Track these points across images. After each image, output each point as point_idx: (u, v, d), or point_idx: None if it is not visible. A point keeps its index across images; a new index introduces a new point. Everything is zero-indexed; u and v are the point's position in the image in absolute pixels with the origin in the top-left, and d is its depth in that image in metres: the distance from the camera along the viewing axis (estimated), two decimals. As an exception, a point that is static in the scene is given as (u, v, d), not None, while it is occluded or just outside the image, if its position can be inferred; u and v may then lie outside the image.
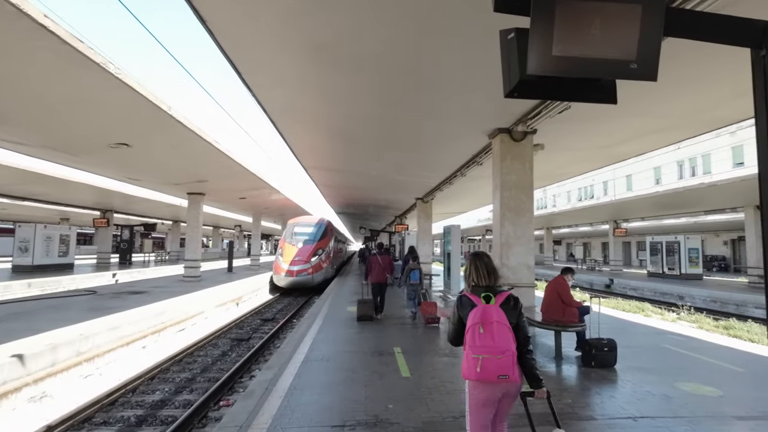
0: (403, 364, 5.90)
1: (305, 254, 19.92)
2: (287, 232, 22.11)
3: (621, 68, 2.25)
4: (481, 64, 5.59)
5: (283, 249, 20.44)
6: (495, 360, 2.50)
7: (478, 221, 63.72)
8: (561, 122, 7.52)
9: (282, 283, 19.42)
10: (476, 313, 2.61)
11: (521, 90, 2.59)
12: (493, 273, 2.79)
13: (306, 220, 23.48)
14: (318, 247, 20.63)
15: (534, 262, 8.16)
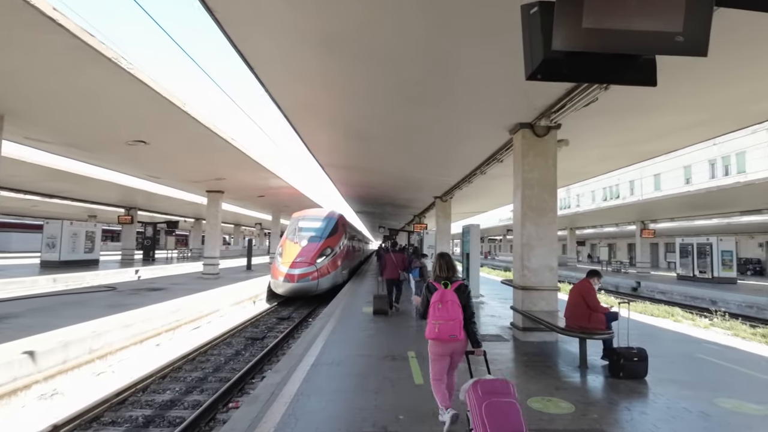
0: (417, 370, 5.62)
1: (309, 254, 16.03)
2: (290, 227, 18.39)
3: (664, 42, 1.91)
4: (502, 55, 5.26)
5: (284, 247, 16.76)
6: (447, 324, 3.72)
7: (500, 221, 62.78)
8: (587, 116, 7.10)
9: (280, 290, 15.43)
10: (437, 295, 3.81)
11: (545, 71, 2.28)
12: (451, 268, 4.00)
13: (313, 213, 19.45)
14: (326, 246, 16.81)
15: (557, 264, 7.75)
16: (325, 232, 17.51)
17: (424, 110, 7.69)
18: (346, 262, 19.69)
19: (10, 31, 5.39)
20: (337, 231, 18.07)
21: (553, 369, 5.89)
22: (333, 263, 16.81)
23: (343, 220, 20.05)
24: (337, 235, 17.94)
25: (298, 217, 18.58)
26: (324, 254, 16.42)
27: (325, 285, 16.01)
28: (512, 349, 7.04)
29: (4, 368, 5.68)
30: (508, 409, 3.13)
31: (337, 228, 18.25)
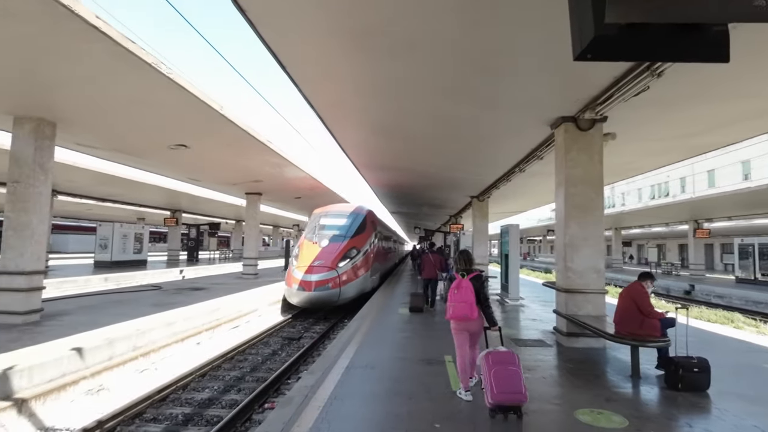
0: (454, 375, 5.39)
1: (330, 257, 13.34)
2: (309, 225, 15.81)
3: (741, 8, 1.65)
4: (543, 43, 4.97)
5: (301, 249, 14.18)
6: (459, 305, 4.54)
7: (539, 221, 60.96)
8: (636, 107, 6.63)
9: (295, 300, 12.71)
10: (455, 283, 4.67)
11: (597, 49, 2.05)
12: (468, 261, 4.90)
13: (337, 208, 16.76)
14: (351, 246, 14.06)
15: (604, 266, 7.29)
16: (350, 231, 14.75)
17: (459, 106, 7.44)
18: (376, 266, 16.73)
19: (57, 42, 5.63)
20: (365, 229, 15.36)
21: (602, 378, 5.50)
22: (360, 267, 14.00)
23: (373, 216, 17.15)
24: (364, 233, 15.20)
25: (319, 214, 16.07)
26: (348, 256, 13.64)
27: (349, 293, 13.26)
28: (556, 355, 6.67)
29: (54, 364, 5.93)
30: (512, 375, 3.97)
31: (365, 225, 15.58)
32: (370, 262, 15.15)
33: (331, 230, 14.77)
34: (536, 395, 4.79)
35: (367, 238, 15.28)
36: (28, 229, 8.23)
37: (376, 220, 17.69)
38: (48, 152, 8.61)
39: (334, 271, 12.93)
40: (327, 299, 12.70)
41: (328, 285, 12.61)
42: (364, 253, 14.56)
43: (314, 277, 12.66)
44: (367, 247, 15.03)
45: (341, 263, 13.28)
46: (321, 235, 14.54)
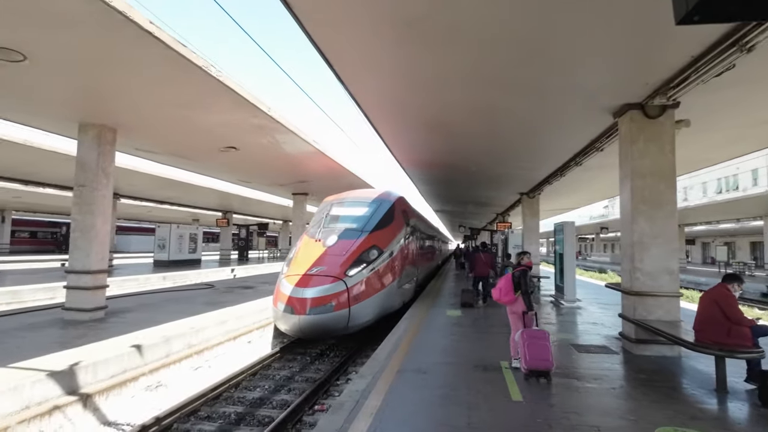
0: (513, 383, 5.04)
1: (337, 259, 8.95)
2: (316, 216, 11.25)
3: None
4: (607, 21, 4.52)
5: (299, 250, 9.77)
6: (497, 291, 5.88)
7: (591, 218, 58.12)
8: (713, 90, 5.97)
9: (282, 326, 8.28)
10: (503, 277, 5.98)
11: (706, 9, 1.69)
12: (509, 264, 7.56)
13: (355, 194, 12.06)
14: (370, 244, 9.61)
15: (678, 266, 6.63)
16: (369, 223, 10.21)
17: (508, 97, 7.03)
18: (410, 271, 11.98)
19: (114, 48, 5.81)
20: (392, 220, 10.78)
21: (681, 392, 4.95)
22: (383, 275, 9.48)
23: (405, 204, 12.61)
24: (391, 227, 10.64)
25: (330, 201, 11.45)
26: (365, 260, 9.11)
27: (364, 316, 8.63)
28: (623, 363, 6.12)
29: (116, 360, 6.14)
30: (542, 347, 5.19)
31: (393, 216, 10.94)
32: (399, 267, 10.44)
33: (344, 223, 10.22)
34: (607, 409, 4.36)
35: (396, 233, 10.65)
36: (93, 230, 8.68)
37: (409, 209, 12.94)
38: (109, 157, 9.05)
39: (340, 283, 8.26)
40: (329, 326, 7.97)
41: (330, 304, 7.98)
42: (391, 255, 9.91)
43: (310, 291, 8.01)
44: (396, 247, 10.36)
45: (353, 270, 8.64)
46: (328, 229, 9.98)
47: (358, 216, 10.44)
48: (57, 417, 5.09)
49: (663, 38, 4.85)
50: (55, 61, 6.15)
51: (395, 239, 10.54)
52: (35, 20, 5.18)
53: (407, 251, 11.76)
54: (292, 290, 8.08)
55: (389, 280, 9.73)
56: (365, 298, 8.62)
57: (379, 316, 9.27)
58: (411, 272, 12.36)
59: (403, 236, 11.28)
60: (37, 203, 28.79)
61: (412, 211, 14.16)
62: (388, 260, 9.79)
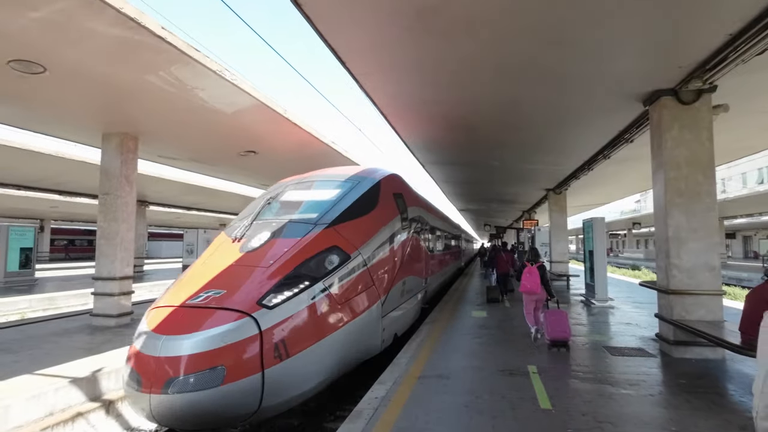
0: (542, 390, 4.75)
1: (250, 278, 4.74)
2: (254, 204, 6.91)
3: None
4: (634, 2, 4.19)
5: (200, 259, 5.71)
6: (531, 284, 7.20)
7: (621, 213, 56.25)
8: (753, 71, 5.56)
9: (132, 406, 3.93)
10: (527, 269, 7.34)
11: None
12: (536, 256, 7.65)
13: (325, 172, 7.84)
14: (323, 245, 5.43)
15: (719, 262, 6.17)
16: (332, 211, 6.11)
17: (532, 89, 6.71)
18: (409, 284, 8.04)
19: (127, 56, 5.84)
20: (373, 207, 6.82)
21: (728, 399, 4.55)
22: (349, 297, 5.45)
23: (400, 186, 8.51)
24: (371, 216, 6.63)
25: (285, 183, 7.44)
26: (307, 274, 4.99)
27: (298, 384, 4.42)
28: (661, 367, 5.72)
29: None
30: (561, 323, 6.57)
31: (376, 200, 6.99)
32: (385, 280, 6.55)
33: (289, 212, 6.26)
34: (645, 419, 4.03)
35: (379, 226, 6.70)
36: (117, 236, 8.84)
37: (408, 193, 8.89)
38: (132, 165, 9.20)
39: (246, 323, 4.14)
40: (214, 414, 3.80)
41: (216, 369, 3.81)
42: (367, 262, 6.01)
43: (176, 344, 3.90)
44: (379, 247, 6.52)
45: (279, 295, 4.59)
46: (262, 223, 5.99)
47: (316, 201, 6.33)
48: (80, 423, 5.13)
49: (697, 16, 4.48)
50: (73, 71, 6.25)
51: (378, 235, 6.42)
52: (52, 32, 5.25)
53: (405, 254, 7.61)
54: (145, 339, 4.02)
55: (361, 305, 5.57)
56: (303, 347, 4.45)
57: (336, 373, 5.01)
58: (413, 285, 8.27)
59: (396, 231, 7.23)
60: (73, 212, 30.00)
61: (414, 196, 9.61)
62: (363, 270, 5.73)
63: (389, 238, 6.95)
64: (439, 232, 13.92)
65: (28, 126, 8.98)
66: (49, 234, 36.12)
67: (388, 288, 6.59)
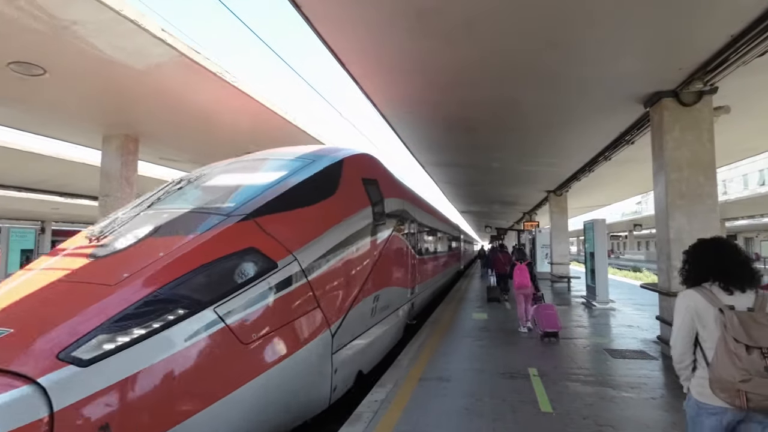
0: (542, 393, 4.73)
1: (79, 311, 2.70)
2: (156, 191, 4.90)
3: None
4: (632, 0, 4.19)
5: (32, 267, 3.72)
6: (518, 280, 8.21)
7: (623, 215, 56.19)
8: (755, 72, 5.54)
9: None
10: (518, 267, 8.38)
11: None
12: (522, 256, 8.92)
13: (275, 151, 5.81)
14: (230, 248, 3.45)
15: (721, 264, 6.14)
16: (259, 198, 4.07)
17: (532, 90, 6.70)
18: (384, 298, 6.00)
19: (128, 58, 5.85)
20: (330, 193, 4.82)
21: (730, 401, 4.52)
22: (274, 326, 3.48)
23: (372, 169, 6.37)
24: (324, 206, 4.62)
25: (214, 165, 5.57)
26: (177, 301, 2.94)
27: None
28: (663, 370, 5.69)
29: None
30: (552, 316, 7.35)
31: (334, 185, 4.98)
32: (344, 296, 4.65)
33: (201, 198, 4.47)
34: (647, 422, 4.01)
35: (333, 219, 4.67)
36: (117, 239, 8.82)
37: (385, 180, 6.83)
38: (132, 166, 9.21)
39: (25, 395, 2.20)
40: None
41: None
42: (311, 273, 4.00)
43: None
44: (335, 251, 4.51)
45: (116, 336, 2.60)
46: (152, 214, 4.04)
47: (242, 186, 4.55)
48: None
49: (698, 17, 4.47)
50: (74, 73, 6.26)
51: (331, 234, 4.52)
52: (52, 34, 5.25)
53: (379, 258, 5.75)
54: None
55: (293, 340, 3.72)
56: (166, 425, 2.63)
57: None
58: (392, 299, 6.42)
59: (365, 228, 5.38)
60: (74, 214, 30.00)
61: (395, 185, 7.46)
62: (299, 285, 3.85)
63: (353, 236, 4.87)
64: (432, 230, 12.14)
65: (28, 128, 9.01)
66: (50, 236, 36.16)
67: (346, 308, 4.52)
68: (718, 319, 2.00)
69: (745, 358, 1.86)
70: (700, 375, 2.13)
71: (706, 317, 2.08)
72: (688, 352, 2.21)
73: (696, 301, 2.14)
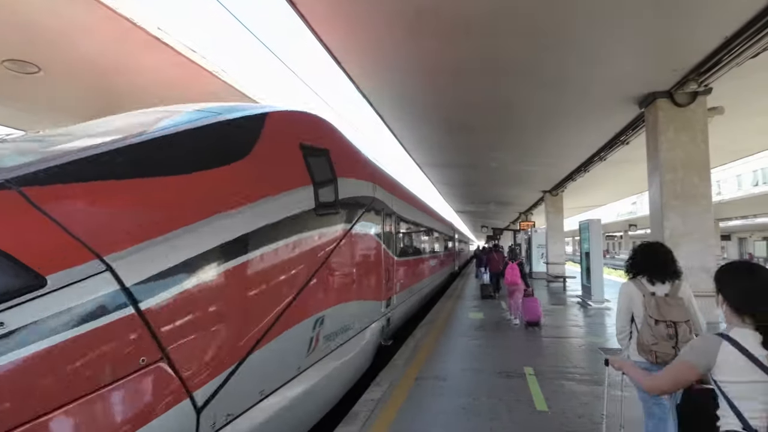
0: (538, 392, 4.75)
1: None
2: None
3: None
4: (627, 2, 4.22)
5: None
6: (509, 277, 8.97)
7: (618, 215, 56.46)
8: (747, 73, 5.60)
9: None
10: (510, 265, 9.21)
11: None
12: (514, 256, 10.11)
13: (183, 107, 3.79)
14: None
15: (715, 264, 6.19)
16: (76, 155, 2.28)
17: (528, 90, 6.74)
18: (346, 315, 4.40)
19: (124, 56, 5.83)
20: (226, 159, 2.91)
21: (724, 400, 4.56)
22: None
23: (318, 132, 4.29)
24: (205, 176, 2.71)
25: None
26: None
27: None
28: (658, 368, 5.73)
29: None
30: (535, 308, 8.19)
31: (241, 147, 3.10)
32: (232, 333, 2.65)
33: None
34: (642, 420, 4.03)
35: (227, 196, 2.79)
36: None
37: (341, 152, 4.65)
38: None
39: None
40: None
41: None
42: (149, 296, 2.09)
43: None
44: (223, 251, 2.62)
45: None
46: None
47: (62, 143, 2.58)
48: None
49: (692, 18, 4.51)
50: (69, 71, 6.22)
51: (227, 221, 2.71)
52: (47, 31, 5.22)
53: (323, 262, 3.93)
54: None
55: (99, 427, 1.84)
56: None
57: None
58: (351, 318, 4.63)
59: (300, 216, 3.58)
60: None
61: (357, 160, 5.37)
62: (122, 318, 1.95)
63: (272, 229, 3.15)
64: (417, 227, 10.41)
65: (24, 127, 8.93)
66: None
67: (242, 352, 2.70)
68: (643, 302, 2.75)
69: (656, 329, 2.61)
70: (633, 342, 2.84)
71: (637, 301, 2.81)
72: (626, 327, 2.91)
73: (631, 290, 2.86)
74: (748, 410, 1.50)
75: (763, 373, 1.48)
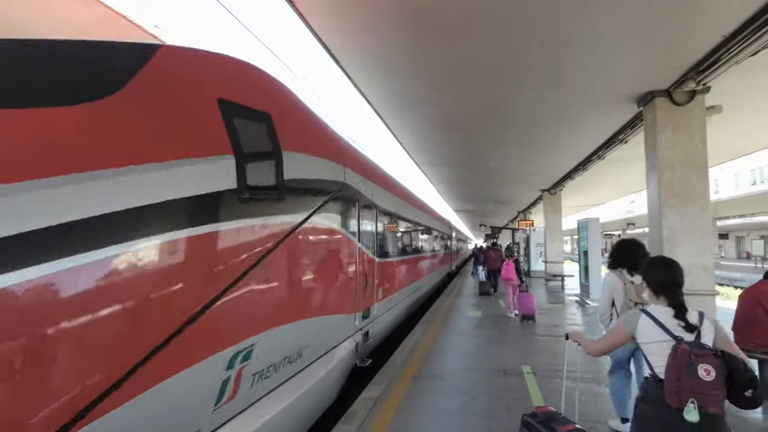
0: (536, 391, 4.76)
1: None
2: None
3: None
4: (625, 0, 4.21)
5: None
6: (505, 273, 9.63)
7: (616, 214, 56.54)
8: (746, 72, 5.58)
9: None
10: (506, 263, 9.83)
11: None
12: (511, 254, 10.40)
13: None
14: None
15: (713, 263, 6.20)
16: None
17: (527, 89, 6.71)
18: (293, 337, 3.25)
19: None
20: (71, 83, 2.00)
21: (721, 398, 4.56)
22: None
23: (250, 84, 3.16)
24: None
25: None
26: None
27: None
28: (656, 367, 5.74)
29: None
30: (529, 302, 8.83)
31: (96, 66, 2.19)
32: None
33: None
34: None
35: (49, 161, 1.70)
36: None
37: (288, 112, 3.51)
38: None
39: None
40: None
41: None
42: None
43: None
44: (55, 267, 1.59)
45: None
46: None
47: None
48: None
49: (691, 17, 4.50)
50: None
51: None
52: (46, 30, 5.18)
53: (256, 266, 2.73)
54: None
55: None
56: None
57: None
58: (301, 340, 3.41)
59: (206, 201, 2.36)
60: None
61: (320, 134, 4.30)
62: None
63: (138, 214, 1.98)
64: (406, 222, 9.28)
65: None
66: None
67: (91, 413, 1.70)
68: (624, 289, 3.44)
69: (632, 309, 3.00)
70: (614, 322, 3.36)
71: (618, 288, 3.48)
72: (608, 310, 3.55)
73: (613, 279, 3.54)
74: (655, 362, 2.06)
75: (665, 334, 2.04)
